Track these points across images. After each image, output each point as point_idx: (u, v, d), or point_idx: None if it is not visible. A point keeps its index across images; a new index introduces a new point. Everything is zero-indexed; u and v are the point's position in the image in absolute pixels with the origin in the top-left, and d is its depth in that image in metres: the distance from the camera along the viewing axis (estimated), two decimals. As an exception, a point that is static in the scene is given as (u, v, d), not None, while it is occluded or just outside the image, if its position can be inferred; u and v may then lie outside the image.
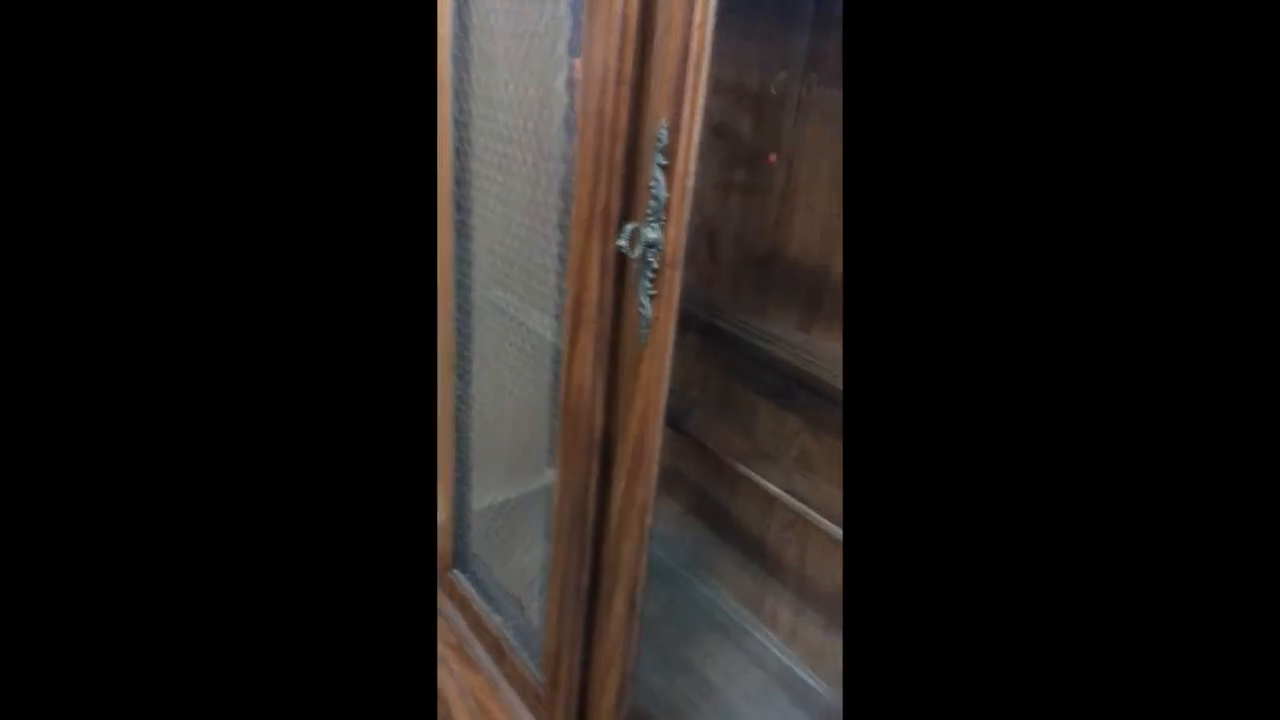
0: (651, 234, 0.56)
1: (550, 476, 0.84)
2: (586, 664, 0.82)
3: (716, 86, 0.98)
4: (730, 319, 0.97)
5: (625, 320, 0.63)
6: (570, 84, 0.77)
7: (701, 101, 0.50)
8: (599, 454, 0.71)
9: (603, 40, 0.56)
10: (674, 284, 0.56)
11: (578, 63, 0.67)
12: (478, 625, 1.04)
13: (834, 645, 1.02)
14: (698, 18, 0.49)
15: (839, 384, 0.86)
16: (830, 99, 0.86)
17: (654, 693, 1.02)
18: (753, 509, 1.09)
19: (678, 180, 0.53)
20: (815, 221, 0.91)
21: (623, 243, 0.57)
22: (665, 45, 0.52)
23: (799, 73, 0.89)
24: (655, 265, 0.57)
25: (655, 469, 0.65)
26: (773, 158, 0.96)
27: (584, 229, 0.63)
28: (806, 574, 1.03)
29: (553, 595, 0.83)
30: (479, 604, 1.04)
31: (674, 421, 0.88)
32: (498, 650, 1.00)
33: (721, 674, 1.06)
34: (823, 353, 0.90)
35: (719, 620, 1.15)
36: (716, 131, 1.00)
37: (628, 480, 0.68)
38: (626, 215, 0.59)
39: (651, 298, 0.58)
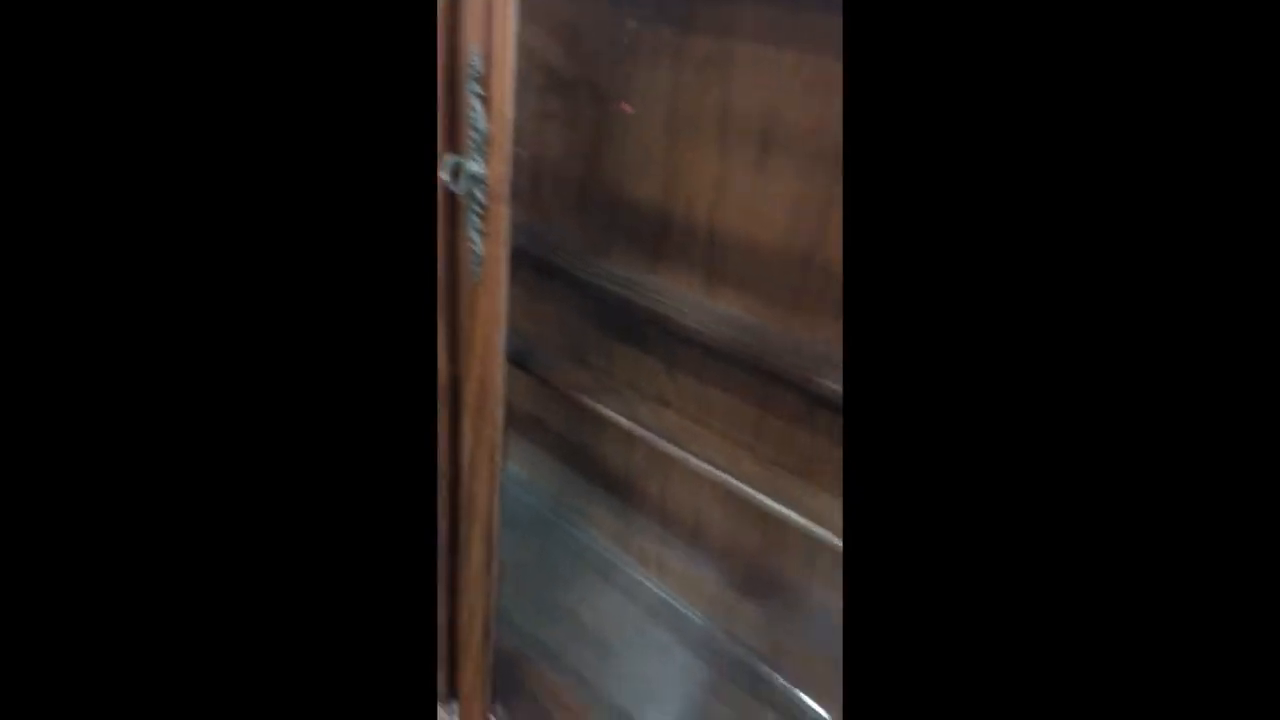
0: (475, 167, 0.55)
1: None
2: (452, 613, 0.82)
3: (559, 25, 0.97)
4: (578, 261, 0.98)
5: (460, 259, 0.62)
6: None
7: (513, 26, 0.49)
8: (448, 399, 0.70)
9: (412, -35, 0.54)
10: (501, 219, 0.56)
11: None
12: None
13: (700, 573, 1.07)
14: (502, -61, 0.48)
15: (689, 322, 0.89)
16: (673, 42, 0.87)
17: (531, 639, 1.04)
18: (615, 449, 1.12)
19: (496, 111, 0.53)
20: (655, 166, 0.93)
21: (445, 176, 0.56)
22: (472, -32, 0.51)
23: (647, 16, 0.90)
24: (483, 200, 0.56)
25: (501, 408, 0.65)
26: (627, 106, 0.96)
27: (409, 167, 0.61)
28: (668, 508, 1.07)
29: (413, 548, 0.82)
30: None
31: (526, 364, 0.89)
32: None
33: (596, 613, 1.09)
34: (671, 293, 0.92)
35: (591, 561, 1.18)
36: (551, 71, 0.99)
37: (474, 421, 0.68)
38: (451, 149, 0.58)
39: (481, 234, 0.58)
